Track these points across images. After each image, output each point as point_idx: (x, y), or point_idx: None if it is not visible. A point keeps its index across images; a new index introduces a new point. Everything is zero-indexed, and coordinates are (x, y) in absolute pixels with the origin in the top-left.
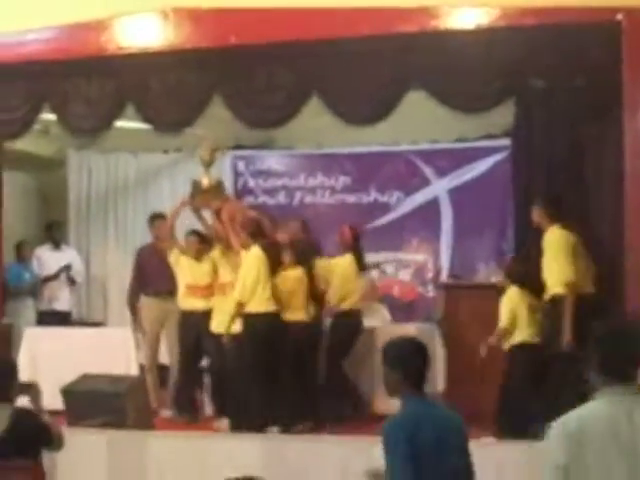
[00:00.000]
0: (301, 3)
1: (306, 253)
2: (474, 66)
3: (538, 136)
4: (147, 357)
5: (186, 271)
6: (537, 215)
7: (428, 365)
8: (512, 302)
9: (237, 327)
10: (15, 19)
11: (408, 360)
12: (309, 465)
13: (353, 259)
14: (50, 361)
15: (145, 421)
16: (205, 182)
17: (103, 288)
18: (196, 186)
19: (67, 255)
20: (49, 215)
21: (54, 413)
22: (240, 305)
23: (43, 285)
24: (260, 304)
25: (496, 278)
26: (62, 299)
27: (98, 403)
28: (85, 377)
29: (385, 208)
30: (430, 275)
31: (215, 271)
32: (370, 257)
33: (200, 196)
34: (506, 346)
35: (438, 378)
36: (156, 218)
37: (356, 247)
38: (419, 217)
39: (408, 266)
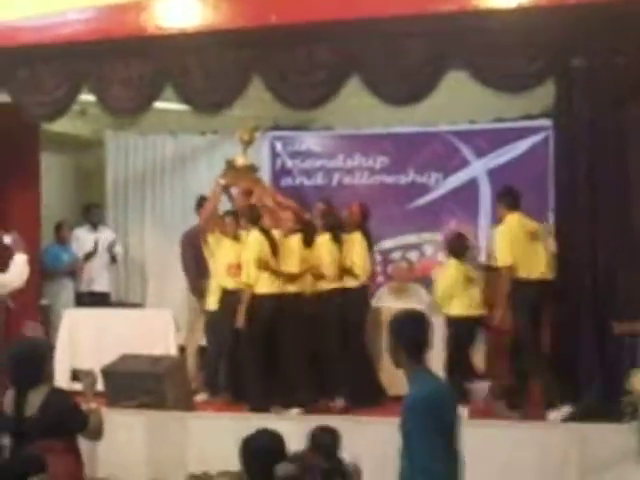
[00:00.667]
0: None
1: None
2: (515, 46)
3: (579, 116)
4: (197, 340)
5: (228, 251)
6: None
7: (428, 336)
8: (449, 274)
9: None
10: (54, 0)
11: (408, 331)
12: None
13: (363, 236)
14: (89, 342)
15: (185, 402)
16: (239, 161)
17: (141, 269)
18: (229, 164)
19: (105, 236)
20: (87, 196)
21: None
22: (248, 287)
23: (82, 266)
24: (265, 285)
25: None
26: (101, 280)
27: (137, 384)
28: (124, 358)
29: (424, 189)
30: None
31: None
32: (409, 238)
33: (232, 174)
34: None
35: (478, 359)
36: (204, 201)
37: (364, 225)
38: (458, 198)
39: None
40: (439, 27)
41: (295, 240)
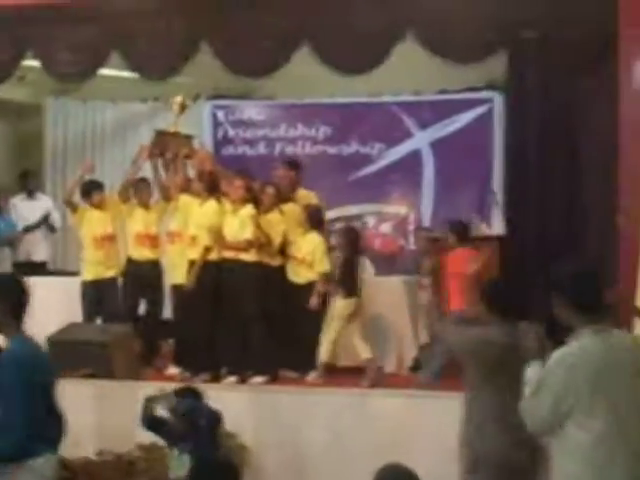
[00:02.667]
0: None
1: None
2: (467, 16)
3: (530, 88)
4: None
5: (138, 219)
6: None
7: (26, 301)
8: (314, 243)
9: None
10: None
11: (11, 293)
12: (298, 414)
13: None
14: (30, 311)
15: (133, 371)
16: (172, 129)
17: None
18: (160, 133)
19: (42, 204)
20: (25, 163)
21: None
22: (207, 251)
23: (21, 237)
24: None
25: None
26: (39, 250)
27: (84, 353)
28: (71, 326)
29: (366, 160)
30: (411, 228)
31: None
32: (351, 209)
33: (171, 140)
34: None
35: (421, 330)
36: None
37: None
38: (401, 169)
39: (389, 219)
40: None
41: (249, 209)
